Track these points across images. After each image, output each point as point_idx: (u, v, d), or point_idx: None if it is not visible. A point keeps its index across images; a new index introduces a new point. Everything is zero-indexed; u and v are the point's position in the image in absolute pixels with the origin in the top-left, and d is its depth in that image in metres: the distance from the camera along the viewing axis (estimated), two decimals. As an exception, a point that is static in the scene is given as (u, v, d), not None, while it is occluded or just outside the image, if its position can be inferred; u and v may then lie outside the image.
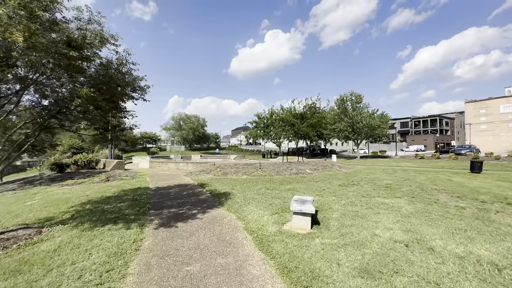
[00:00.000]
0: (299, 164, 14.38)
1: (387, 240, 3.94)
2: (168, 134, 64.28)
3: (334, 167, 14.67)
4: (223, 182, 9.98)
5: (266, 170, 12.27)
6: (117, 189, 8.96)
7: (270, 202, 6.49)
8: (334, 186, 9.26)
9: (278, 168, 12.83)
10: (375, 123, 28.07)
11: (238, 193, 7.84)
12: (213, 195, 7.63)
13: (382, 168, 16.89)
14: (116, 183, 10.58)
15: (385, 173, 13.26)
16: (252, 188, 8.71)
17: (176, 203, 6.73)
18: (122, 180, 11.54)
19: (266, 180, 10.44)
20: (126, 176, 12.86)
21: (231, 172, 12.19)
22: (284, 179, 10.56)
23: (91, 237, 4.24)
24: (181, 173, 14.25)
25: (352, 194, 7.60)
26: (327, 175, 12.21)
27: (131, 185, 9.76)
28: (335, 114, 30.38)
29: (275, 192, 7.90)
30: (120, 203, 6.67)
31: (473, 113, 65.46)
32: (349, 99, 29.52)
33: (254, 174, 11.69)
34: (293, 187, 8.83)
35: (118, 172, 14.55)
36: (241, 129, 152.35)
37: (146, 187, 9.21)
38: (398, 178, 11.46)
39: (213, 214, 5.57)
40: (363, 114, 28.42)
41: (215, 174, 12.19)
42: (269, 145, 68.91)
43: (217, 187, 8.88)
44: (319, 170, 13.22)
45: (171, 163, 17.00)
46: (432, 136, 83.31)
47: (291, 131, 33.15)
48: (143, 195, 7.75)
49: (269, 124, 38.58)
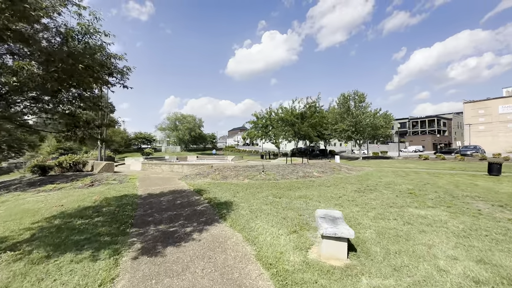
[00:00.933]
0: (304, 166, 13.23)
1: (463, 280, 2.78)
2: (163, 134, 62.68)
3: (342, 169, 13.56)
4: (223, 188, 8.76)
5: (270, 173, 11.08)
6: (100, 196, 7.68)
7: (283, 215, 5.30)
8: (350, 192, 8.12)
9: (283, 171, 11.66)
10: (378, 123, 27.12)
11: (242, 202, 6.64)
12: (212, 205, 6.40)
13: (391, 170, 15.84)
14: (101, 188, 9.29)
15: (399, 176, 12.19)
16: (257, 195, 7.52)
17: (167, 216, 5.49)
18: (108, 185, 10.24)
19: (271, 185, 9.25)
20: (114, 180, 11.54)
21: (231, 176, 10.97)
22: (292, 184, 9.39)
23: (41, 275, 2.99)
24: (175, 176, 12.98)
25: (376, 203, 6.45)
26: (337, 178, 11.07)
27: (116, 192, 8.48)
28: (337, 113, 29.35)
29: (285, 201, 6.72)
30: (98, 217, 5.41)
31: (471, 114, 65.27)
32: (352, 98, 28.53)
33: (257, 177, 10.50)
34: (304, 194, 7.65)
35: (106, 175, 13.21)
36: (238, 130, 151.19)
37: (133, 194, 7.94)
38: (416, 182, 10.38)
39: (213, 233, 4.36)
40: (366, 114, 27.46)
41: (213, 178, 10.96)
42: (266, 145, 67.77)
43: (216, 194, 7.65)
44: (327, 173, 12.08)
45: (165, 165, 15.70)
46: (430, 137, 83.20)
47: (291, 131, 32.04)
48: (128, 205, 6.49)
49: (268, 124, 37.45)
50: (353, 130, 27.41)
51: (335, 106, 30.74)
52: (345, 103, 28.69)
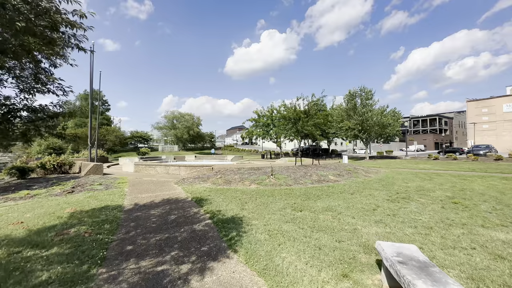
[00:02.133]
0: (316, 168, 11.78)
1: None
2: (161, 133, 60.98)
3: (359, 171, 12.13)
4: (227, 196, 7.28)
5: (280, 177, 9.62)
6: (75, 209, 6.17)
7: (316, 242, 3.84)
8: (382, 201, 6.68)
9: (294, 174, 10.20)
10: (386, 121, 25.74)
11: (254, 217, 5.17)
12: (216, 222, 4.92)
13: (408, 171, 14.44)
14: (81, 196, 7.76)
15: (424, 180, 10.79)
16: (271, 207, 6.05)
17: (154, 242, 4.00)
18: (91, 191, 8.72)
19: (284, 192, 7.78)
20: (99, 184, 10.02)
21: (235, 180, 9.49)
22: (309, 191, 7.93)
23: None
24: (171, 179, 11.48)
25: (427, 220, 5.02)
26: (358, 183, 9.64)
27: (98, 202, 6.96)
28: (342, 110, 27.92)
29: (309, 216, 5.26)
30: (60, 244, 3.91)
31: (475, 112, 64.20)
32: (358, 95, 27.10)
33: (265, 182, 9.03)
34: (329, 205, 6.20)
35: (93, 178, 11.67)
36: (236, 129, 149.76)
37: (117, 206, 6.43)
38: (448, 187, 8.98)
39: (222, 279, 2.88)
40: (374, 111, 26.06)
41: (214, 182, 9.47)
42: (266, 145, 66.31)
43: (220, 206, 6.17)
44: (344, 176, 10.64)
45: (160, 167, 14.18)
46: (431, 136, 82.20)
47: (293, 129, 30.55)
48: (107, 223, 4.98)
49: (269, 122, 35.96)
50: (360, 129, 26.00)
51: (341, 104, 29.28)
52: (351, 100, 27.25)
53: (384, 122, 25.48)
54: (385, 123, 25.65)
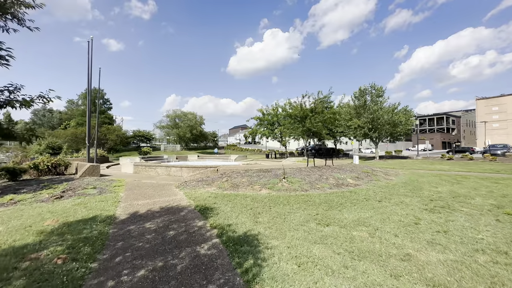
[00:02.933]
0: (331, 170, 10.73)
1: None
2: (163, 132, 60.23)
3: (378, 174, 11.05)
4: (237, 204, 6.28)
5: (293, 181, 8.60)
6: (57, 220, 5.21)
7: (364, 279, 2.82)
8: (420, 212, 5.63)
9: (308, 177, 9.17)
10: (397, 119, 24.53)
11: (273, 235, 4.15)
12: (225, 242, 3.91)
13: (430, 174, 13.31)
14: (68, 204, 6.81)
15: (453, 184, 9.69)
16: (291, 219, 5.03)
17: (146, 274, 3.01)
18: (82, 196, 7.78)
19: (302, 199, 6.75)
20: (93, 188, 9.09)
21: (243, 184, 8.49)
22: (329, 198, 6.89)
23: None
24: (172, 182, 10.52)
25: (496, 240, 3.96)
26: (381, 188, 8.57)
27: (86, 211, 6.00)
28: (351, 108, 26.74)
29: (341, 234, 4.23)
30: (22, 276, 2.94)
31: (485, 111, 62.45)
32: (369, 92, 25.89)
33: (277, 187, 8.01)
34: (359, 217, 5.17)
35: (87, 181, 10.75)
36: (239, 128, 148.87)
37: (107, 217, 5.45)
38: (485, 192, 7.89)
39: None
40: (384, 109, 24.87)
41: (220, 186, 8.48)
42: (270, 144, 65.28)
43: (229, 218, 5.16)
44: (363, 180, 9.58)
45: (160, 168, 13.23)
46: (439, 135, 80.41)
47: (300, 128, 29.49)
48: (89, 242, 4.00)
49: (274, 121, 34.96)
50: (370, 127, 24.82)
51: (349, 101, 28.11)
52: (361, 97, 26.05)
53: (395, 120, 24.27)
54: (396, 122, 24.45)
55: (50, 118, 73.29)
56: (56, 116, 73.09)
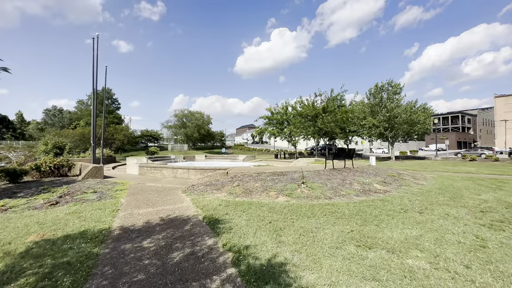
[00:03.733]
0: (353, 173, 9.67)
1: None
2: (170, 132, 60.02)
3: (405, 177, 9.92)
4: (252, 216, 5.36)
5: (314, 186, 7.61)
6: (42, 235, 4.43)
7: None
8: (478, 229, 4.57)
9: (329, 182, 8.16)
10: (416, 118, 23.09)
11: (305, 264, 3.21)
12: (244, 275, 2.98)
13: (460, 177, 12.04)
14: (62, 212, 6.05)
15: (496, 190, 8.50)
16: (322, 238, 4.07)
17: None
18: (79, 203, 7.03)
19: (328, 210, 5.77)
20: (93, 192, 8.36)
21: (256, 189, 7.56)
22: (359, 208, 5.89)
23: None
24: (179, 185, 9.71)
25: None
26: (415, 195, 7.49)
27: (79, 222, 5.21)
28: (365, 106, 25.41)
29: (393, 263, 3.24)
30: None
31: (504, 109, 59.41)
32: (385, 89, 24.50)
33: (296, 193, 7.04)
34: (406, 237, 4.16)
35: (89, 183, 10.07)
36: (246, 127, 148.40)
37: (101, 231, 4.63)
38: (545, 202, 6.70)
39: None
40: (401, 107, 23.46)
41: (231, 191, 7.58)
42: (278, 144, 64.16)
43: (245, 236, 4.25)
44: (391, 185, 8.51)
45: (166, 170, 12.47)
46: (454, 134, 77.34)
47: (311, 127, 28.36)
48: (72, 269, 3.16)
49: (283, 120, 33.91)
50: (387, 126, 23.46)
51: (363, 99, 26.77)
52: (377, 95, 24.70)
53: (413, 119, 22.84)
54: (414, 120, 23.01)
55: (60, 118, 74.33)
56: (66, 116, 74.03)
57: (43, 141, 22.64)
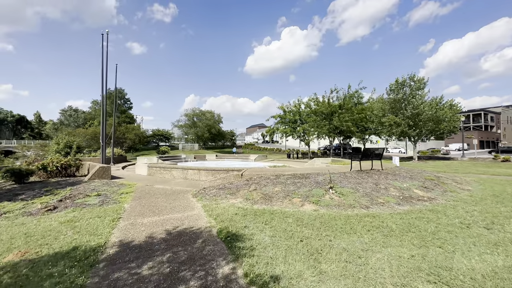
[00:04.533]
0: (384, 175, 8.50)
1: None
2: (181, 131, 60.01)
3: (447, 182, 8.64)
4: (277, 230, 4.38)
5: (344, 192, 6.53)
6: (24, 252, 3.65)
7: None
8: None
9: (360, 186, 7.06)
10: (443, 115, 21.32)
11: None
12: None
13: (505, 180, 10.55)
14: (56, 220, 5.30)
15: None
16: (377, 270, 3.03)
17: None
18: (80, 207, 6.30)
19: (369, 223, 4.70)
20: (97, 195, 7.66)
21: (277, 194, 6.58)
22: (408, 221, 4.78)
23: None
24: (189, 188, 8.88)
25: None
26: (467, 203, 6.26)
27: (73, 234, 4.42)
28: (385, 103, 23.82)
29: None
30: None
31: (533, 106, 55.34)
32: (407, 84, 22.83)
33: (325, 201, 6.00)
34: (490, 266, 3.04)
35: (94, 185, 9.43)
36: (256, 127, 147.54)
37: (93, 249, 3.79)
38: None
39: None
40: (426, 104, 21.73)
41: (248, 197, 6.63)
42: (289, 143, 62.83)
43: (274, 262, 3.26)
44: (433, 190, 7.29)
45: (176, 170, 11.71)
46: (476, 133, 73.15)
47: (327, 126, 27.03)
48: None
49: (296, 118, 32.70)
50: (411, 124, 21.81)
51: (382, 95, 25.16)
52: (399, 90, 23.06)
53: (439, 116, 21.10)
54: (441, 118, 21.26)
55: (76, 118, 76.15)
56: (81, 116, 75.76)
57: (55, 140, 22.59)
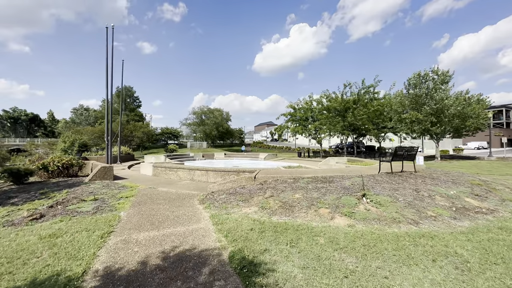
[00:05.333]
0: (422, 179, 7.27)
1: None
2: (189, 129, 59.59)
3: (498, 187, 7.32)
4: (308, 256, 3.32)
5: (381, 201, 5.40)
6: (-25, 287, 2.76)
7: None
8: None
9: (397, 193, 5.90)
10: (470, 111, 19.58)
11: None
12: None
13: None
14: (38, 233, 4.44)
15: None
16: None
17: None
18: (70, 215, 5.44)
19: (429, 247, 3.57)
20: (93, 200, 6.82)
21: (298, 203, 5.51)
22: (482, 246, 3.62)
23: None
24: (195, 192, 7.95)
25: None
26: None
27: (48, 256, 3.52)
28: (405, 98, 22.19)
29: None
30: None
31: (563, 102, 51.61)
32: (430, 78, 21.14)
33: (360, 213, 4.89)
34: None
35: (93, 187, 8.64)
36: (264, 125, 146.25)
37: (69, 281, 2.86)
38: None
39: None
40: (451, 98, 20.02)
41: (263, 205, 5.60)
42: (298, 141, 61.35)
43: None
44: (487, 199, 6.03)
45: (182, 171, 10.82)
46: (496, 131, 69.33)
47: (340, 123, 25.63)
48: None
49: (308, 116, 31.37)
50: (435, 121, 20.16)
51: (401, 90, 23.50)
52: (420, 85, 21.40)
53: (467, 112, 19.37)
54: (468, 114, 19.52)
55: (87, 116, 77.17)
56: (92, 114, 76.68)
57: (62, 139, 22.26)
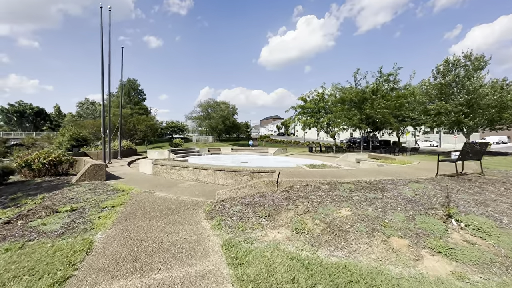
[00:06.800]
0: (499, 185, 5.46)
1: None
2: (195, 123, 58.13)
3: None
4: None
5: (482, 226, 3.64)
6: None
7: None
8: None
9: (492, 210, 4.12)
10: (509, 101, 17.29)
11: None
12: None
13: None
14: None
15: None
16: None
17: None
18: (23, 239, 3.87)
19: None
20: (69, 210, 5.24)
21: (351, 225, 3.80)
22: None
23: None
24: (201, 198, 6.32)
25: None
26: None
27: None
28: (433, 87, 19.95)
29: None
30: None
31: None
32: (462, 65, 18.81)
33: (462, 248, 3.16)
34: None
35: (76, 190, 7.10)
36: (270, 119, 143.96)
37: None
38: None
39: None
40: (487, 87, 17.73)
41: (298, 228, 3.90)
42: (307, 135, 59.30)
43: None
44: None
45: (185, 170, 9.20)
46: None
47: (357, 115, 23.58)
48: None
49: (320, 108, 29.36)
50: (467, 112, 17.95)
51: (428, 79, 21.22)
52: (449, 73, 19.11)
53: (507, 102, 17.10)
54: (508, 104, 17.24)
55: (92, 110, 76.49)
56: (98, 108, 75.85)
57: (61, 132, 20.95)
